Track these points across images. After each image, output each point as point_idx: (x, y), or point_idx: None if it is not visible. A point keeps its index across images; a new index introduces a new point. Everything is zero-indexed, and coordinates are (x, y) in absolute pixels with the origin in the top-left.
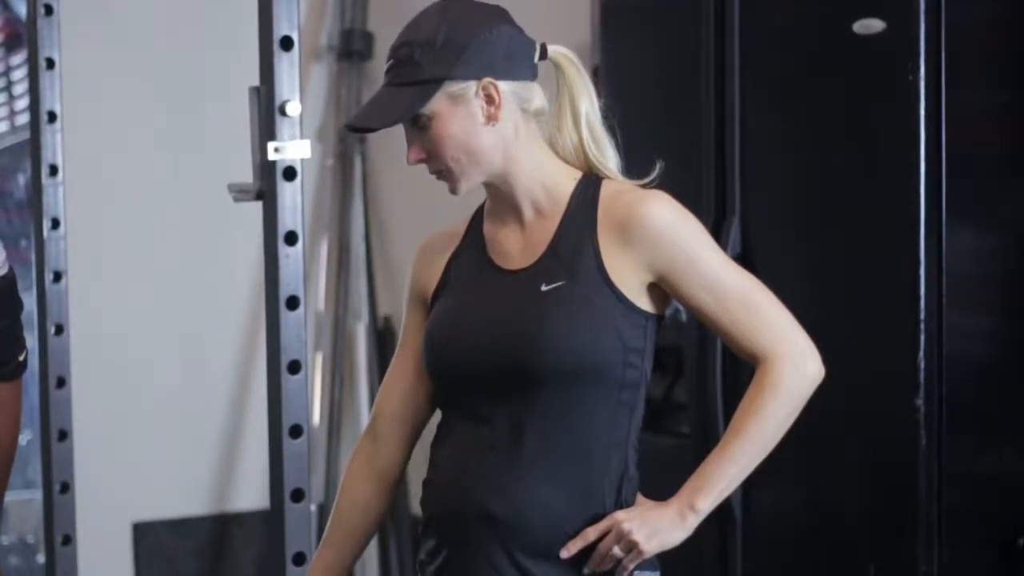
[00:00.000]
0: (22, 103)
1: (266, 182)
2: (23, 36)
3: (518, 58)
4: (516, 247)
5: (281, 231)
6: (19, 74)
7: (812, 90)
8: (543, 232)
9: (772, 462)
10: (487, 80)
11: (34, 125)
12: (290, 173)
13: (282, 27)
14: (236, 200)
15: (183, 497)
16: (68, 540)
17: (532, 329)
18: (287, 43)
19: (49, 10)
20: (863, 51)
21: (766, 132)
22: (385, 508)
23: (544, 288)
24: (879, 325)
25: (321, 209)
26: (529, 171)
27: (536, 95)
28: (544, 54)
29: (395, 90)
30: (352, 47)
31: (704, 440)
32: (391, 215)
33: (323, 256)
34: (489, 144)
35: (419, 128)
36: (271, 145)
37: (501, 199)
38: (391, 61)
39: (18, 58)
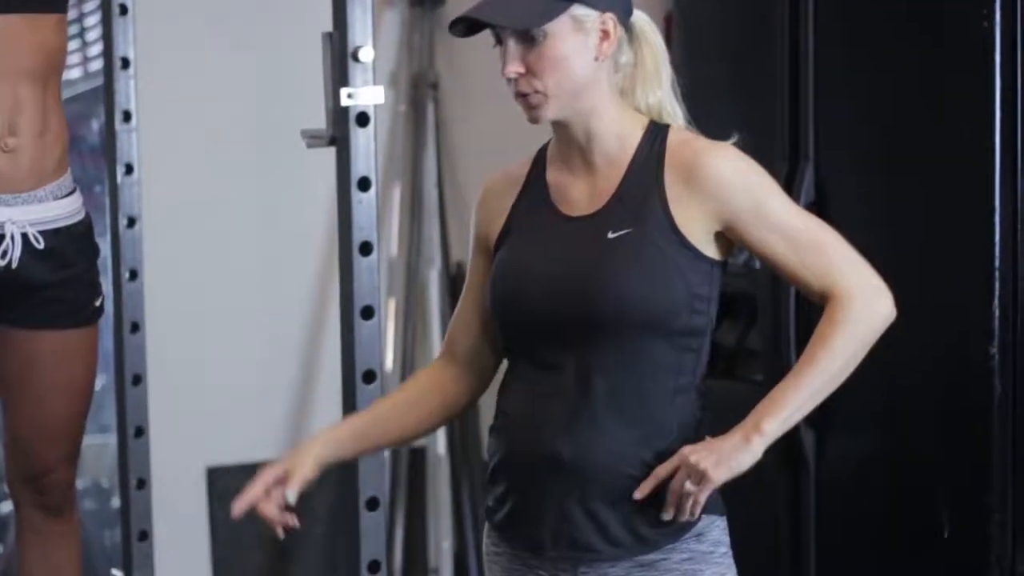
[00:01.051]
0: (95, 49)
1: (339, 128)
2: None
3: (626, 8)
4: (582, 194)
5: (354, 177)
6: (92, 20)
7: (886, 35)
8: (609, 179)
9: (846, 407)
10: (609, 15)
11: (107, 71)
12: (363, 119)
13: None
14: (309, 146)
15: (257, 442)
16: (142, 484)
17: (599, 276)
18: None
19: None
20: (948, 16)
21: (840, 78)
22: (425, 430)
23: (611, 235)
24: (953, 272)
25: (394, 155)
26: (606, 117)
27: (627, 50)
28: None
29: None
30: None
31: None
32: (463, 161)
33: (396, 202)
34: (589, 79)
35: (527, 42)
36: (344, 91)
37: (571, 142)
38: None
39: (91, 4)
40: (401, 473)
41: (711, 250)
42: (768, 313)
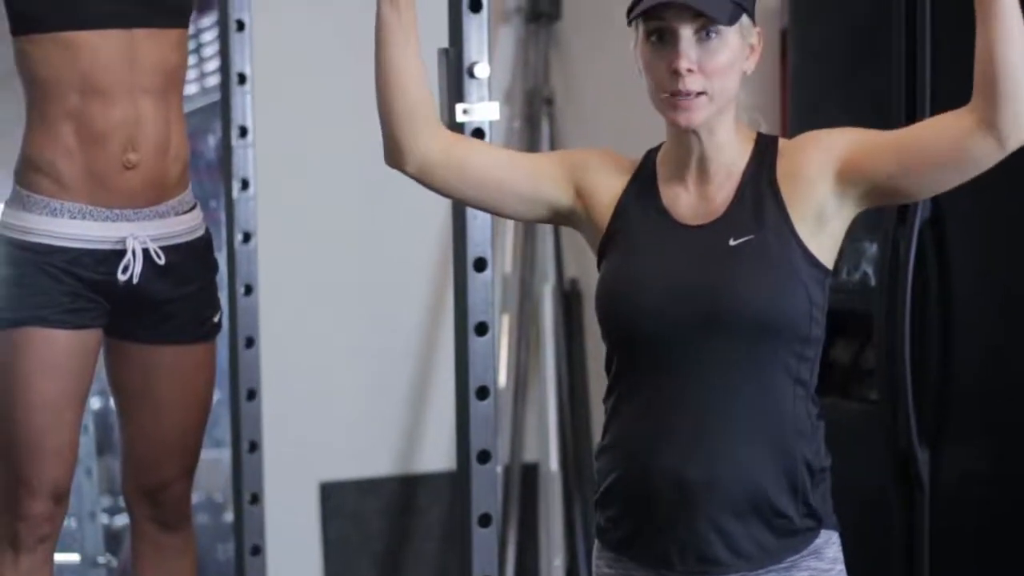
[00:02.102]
0: (212, 64)
1: None
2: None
3: None
4: (696, 203)
5: None
6: (209, 36)
7: None
8: (724, 189)
9: (960, 425)
10: (759, 30)
11: (224, 87)
12: (479, 135)
13: None
14: None
15: (370, 457)
16: (256, 499)
17: (725, 283)
18: (476, 5)
19: None
20: None
21: (956, 96)
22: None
23: (733, 242)
24: None
25: None
26: (732, 129)
27: None
28: None
29: None
30: (540, 9)
31: (892, 406)
32: None
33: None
34: (736, 91)
35: (702, 40)
36: (460, 107)
37: (691, 150)
38: None
39: (208, 20)
40: (513, 489)
41: (824, 253)
42: (883, 332)
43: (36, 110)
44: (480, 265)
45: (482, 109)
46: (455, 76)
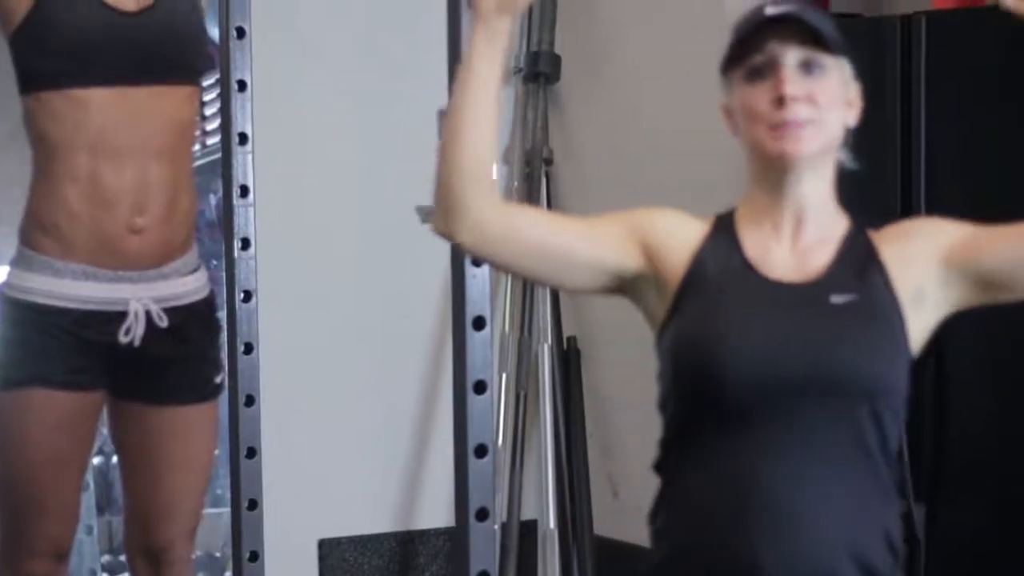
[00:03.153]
0: (213, 123)
1: None
2: (215, 58)
3: None
4: (789, 259)
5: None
6: (210, 95)
7: (999, 113)
8: (822, 251)
9: (957, 483)
10: (857, 86)
11: (225, 146)
12: None
13: None
14: (423, 221)
15: (368, 514)
16: (255, 556)
17: (826, 344)
18: None
19: (241, 33)
20: None
21: (952, 156)
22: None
23: (835, 300)
24: None
25: None
26: (831, 186)
27: None
28: None
29: (817, 21)
30: (539, 69)
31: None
32: None
33: (509, 277)
34: (839, 134)
35: (806, 70)
36: None
37: (786, 197)
38: (794, 6)
39: (209, 79)
40: (511, 547)
41: (916, 334)
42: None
43: (43, 169)
44: (479, 324)
45: None
46: None
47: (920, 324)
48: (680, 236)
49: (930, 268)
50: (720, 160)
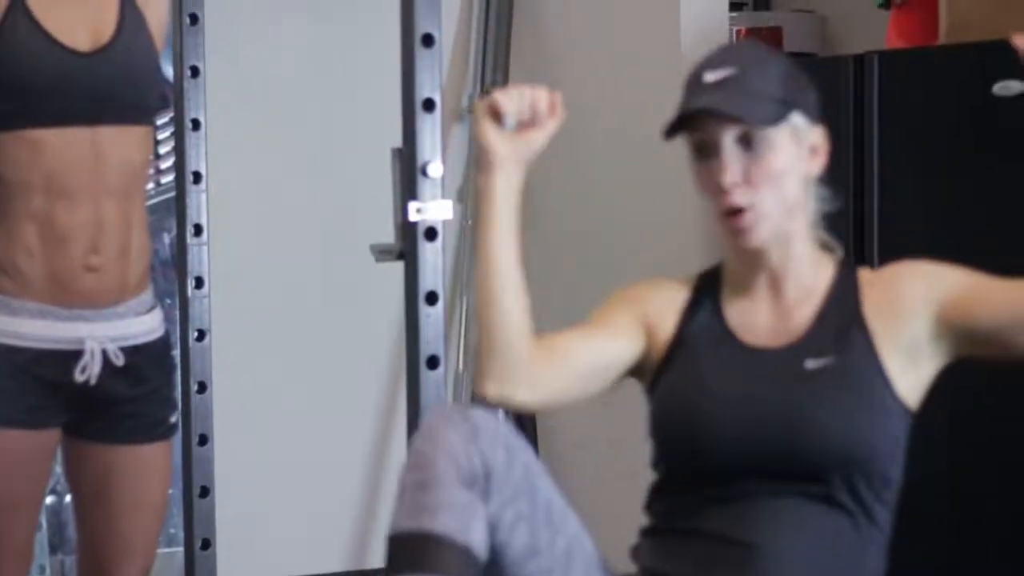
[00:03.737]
0: (167, 162)
1: (407, 242)
2: (169, 98)
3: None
4: (767, 324)
5: (422, 291)
6: (163, 133)
7: (951, 152)
8: (802, 310)
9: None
10: (820, 129)
11: (179, 185)
12: (431, 233)
13: (424, 89)
14: (378, 260)
15: (323, 553)
16: None
17: (801, 410)
18: (429, 105)
19: (195, 72)
20: (1002, 113)
21: (905, 195)
22: (509, 307)
23: (810, 365)
24: (1021, 387)
25: (461, 269)
26: (806, 240)
27: None
28: None
29: (743, 96)
30: None
31: None
32: (530, 276)
33: (462, 316)
34: (799, 200)
35: (746, 146)
36: (413, 205)
37: (760, 267)
38: (733, 68)
39: (163, 118)
40: None
41: (909, 392)
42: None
43: (1, 209)
44: (432, 363)
45: (435, 208)
46: (408, 175)
47: (914, 379)
48: (669, 306)
49: (923, 321)
50: (673, 196)
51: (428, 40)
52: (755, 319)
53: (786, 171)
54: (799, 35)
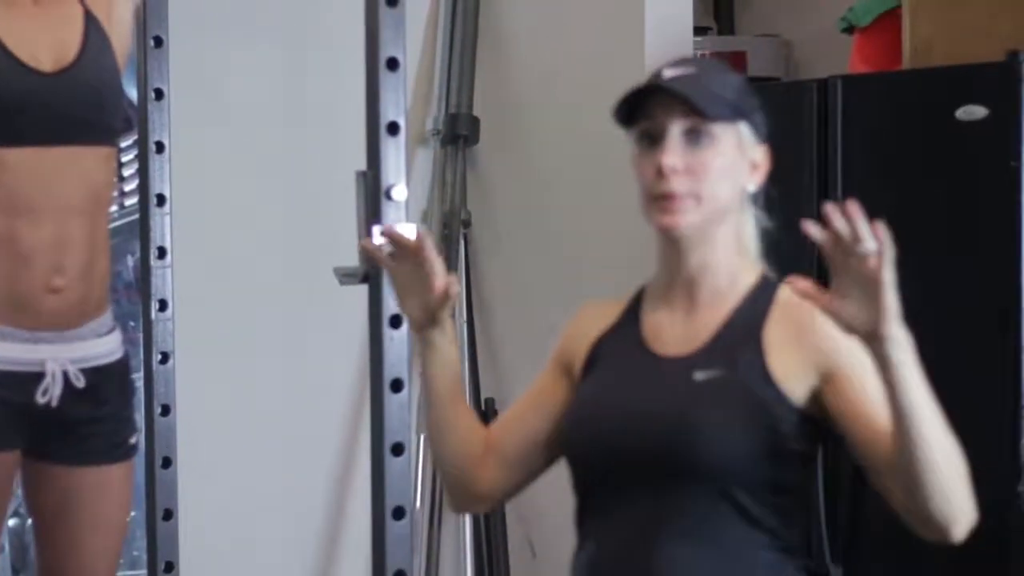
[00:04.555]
0: (131, 184)
1: (372, 265)
2: (133, 119)
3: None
4: (677, 333)
5: (386, 314)
6: (127, 156)
7: (914, 177)
8: (710, 320)
9: (872, 543)
10: (764, 148)
11: (143, 208)
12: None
13: (389, 112)
14: (342, 283)
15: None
16: None
17: (679, 418)
18: (394, 128)
19: (160, 94)
20: (965, 138)
21: (868, 210)
22: (453, 449)
23: (698, 377)
24: (979, 412)
25: None
26: (726, 252)
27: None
28: None
29: (699, 90)
30: (458, 131)
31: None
32: (494, 298)
33: None
34: (731, 203)
35: (691, 141)
36: (377, 229)
37: (679, 272)
38: (693, 68)
39: (127, 140)
40: None
41: (810, 405)
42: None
43: None
44: (397, 386)
45: (400, 231)
46: (373, 198)
47: (807, 389)
48: (586, 333)
49: (811, 371)
50: (636, 221)
51: (392, 64)
52: (667, 327)
53: (724, 172)
54: (763, 60)
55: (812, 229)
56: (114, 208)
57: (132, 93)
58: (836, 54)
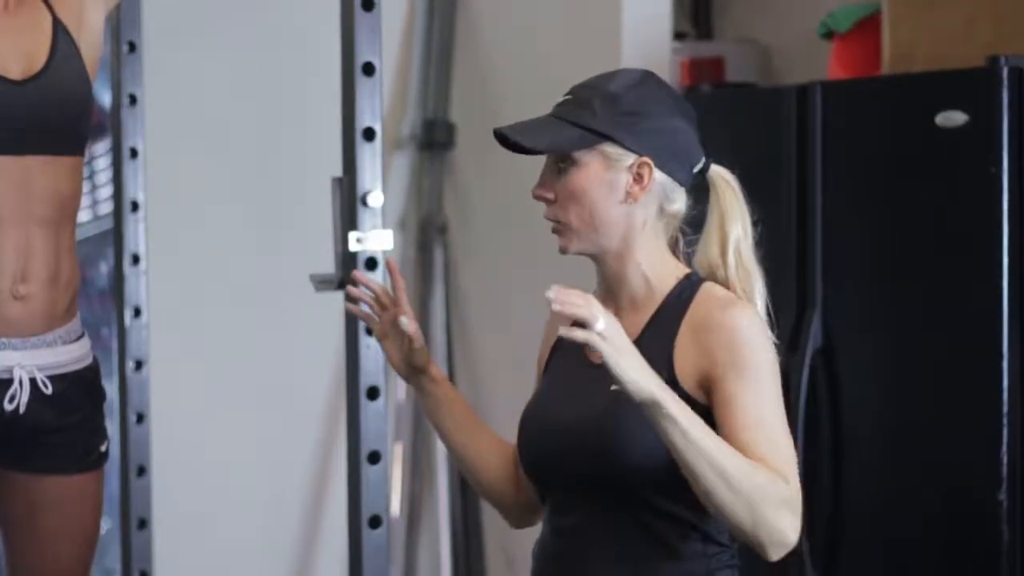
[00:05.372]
0: (104, 192)
1: (348, 272)
2: (106, 125)
3: (682, 158)
4: None
5: (362, 322)
6: (102, 163)
7: (894, 183)
8: (632, 326)
9: (851, 549)
10: (645, 160)
11: (117, 214)
12: (372, 263)
13: (365, 118)
14: (318, 290)
15: None
16: None
17: (596, 427)
18: (369, 134)
19: (133, 100)
20: (945, 144)
21: (848, 226)
22: (483, 475)
23: (614, 387)
24: (961, 420)
25: None
26: (639, 262)
27: (680, 199)
28: (705, 169)
29: (559, 123)
30: (434, 137)
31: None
32: (472, 306)
33: None
34: (615, 219)
35: (559, 170)
36: (353, 235)
37: (606, 280)
38: (569, 96)
39: (102, 147)
40: None
41: (707, 400)
42: None
43: None
44: (373, 394)
45: (376, 237)
46: (349, 205)
47: (703, 395)
48: (549, 337)
49: (696, 373)
50: None
51: (369, 69)
52: None
53: (590, 191)
54: (741, 65)
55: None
56: (88, 216)
57: (106, 98)
58: (815, 60)
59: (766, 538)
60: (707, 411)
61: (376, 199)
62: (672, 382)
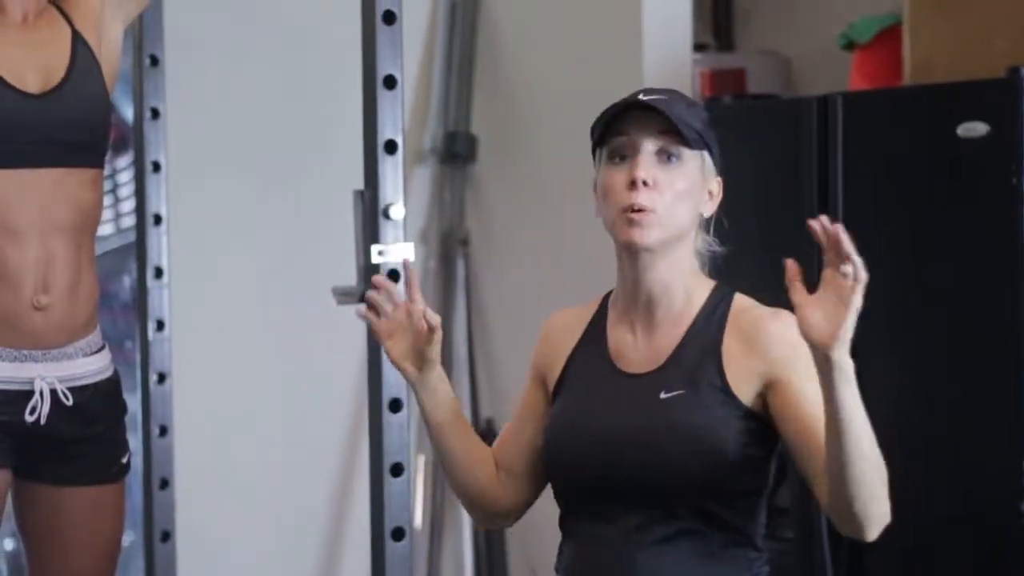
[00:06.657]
0: (127, 205)
1: (370, 285)
2: (129, 139)
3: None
4: (640, 350)
5: None
6: (125, 176)
7: (916, 194)
8: (670, 337)
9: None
10: (719, 179)
11: (140, 227)
12: (394, 276)
13: (386, 131)
14: (340, 303)
15: None
16: None
17: (649, 438)
18: (391, 147)
19: (156, 114)
20: (967, 154)
21: (869, 236)
22: (470, 480)
23: (664, 396)
24: (982, 430)
25: None
26: (684, 271)
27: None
28: None
29: (678, 115)
30: (455, 150)
31: (808, 544)
32: (493, 317)
33: None
34: (689, 224)
35: (661, 159)
36: (375, 248)
37: (639, 292)
38: (666, 96)
39: (124, 160)
40: None
41: (761, 409)
42: (797, 471)
43: None
44: (395, 406)
45: (397, 250)
46: (371, 217)
47: (760, 407)
48: (556, 347)
49: (752, 384)
50: None
51: (390, 82)
52: (630, 345)
53: (686, 195)
54: (762, 76)
55: (817, 227)
56: (111, 229)
57: (128, 112)
58: (836, 71)
59: (876, 512)
60: (765, 423)
61: (398, 212)
62: (726, 392)
